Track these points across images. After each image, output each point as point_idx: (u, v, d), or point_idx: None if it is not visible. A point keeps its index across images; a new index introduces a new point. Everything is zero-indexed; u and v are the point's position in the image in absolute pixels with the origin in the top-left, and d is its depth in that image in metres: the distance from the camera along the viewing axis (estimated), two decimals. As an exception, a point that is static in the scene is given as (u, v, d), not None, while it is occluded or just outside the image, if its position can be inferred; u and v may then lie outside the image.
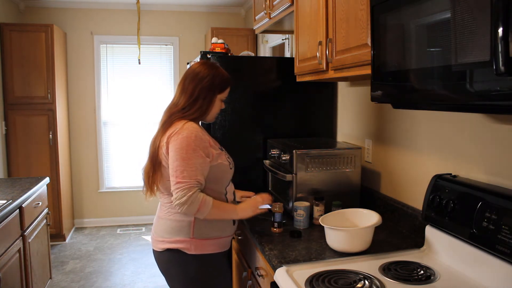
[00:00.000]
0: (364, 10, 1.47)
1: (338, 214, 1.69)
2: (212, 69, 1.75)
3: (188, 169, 1.59)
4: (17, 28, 4.20)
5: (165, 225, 1.72)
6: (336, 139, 2.61)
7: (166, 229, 1.72)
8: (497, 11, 0.80)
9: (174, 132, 1.64)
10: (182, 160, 1.59)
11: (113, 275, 3.70)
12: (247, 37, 4.65)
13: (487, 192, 1.29)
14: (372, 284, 1.26)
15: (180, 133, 1.63)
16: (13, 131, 4.24)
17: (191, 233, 1.68)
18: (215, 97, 1.75)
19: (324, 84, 2.58)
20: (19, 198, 2.49)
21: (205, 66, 1.76)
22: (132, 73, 5.05)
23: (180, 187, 1.58)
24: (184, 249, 1.67)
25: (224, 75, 1.77)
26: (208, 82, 1.72)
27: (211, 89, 1.72)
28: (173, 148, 1.62)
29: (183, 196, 1.57)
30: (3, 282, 2.20)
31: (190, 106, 1.71)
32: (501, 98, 0.86)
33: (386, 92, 1.28)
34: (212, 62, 1.80)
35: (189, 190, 1.58)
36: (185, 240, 1.67)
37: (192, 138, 1.62)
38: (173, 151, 1.61)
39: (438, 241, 1.48)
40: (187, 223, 1.68)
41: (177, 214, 1.69)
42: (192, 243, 1.67)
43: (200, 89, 1.71)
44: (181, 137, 1.62)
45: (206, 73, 1.73)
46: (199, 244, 1.68)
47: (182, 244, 1.68)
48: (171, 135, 1.64)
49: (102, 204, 5.10)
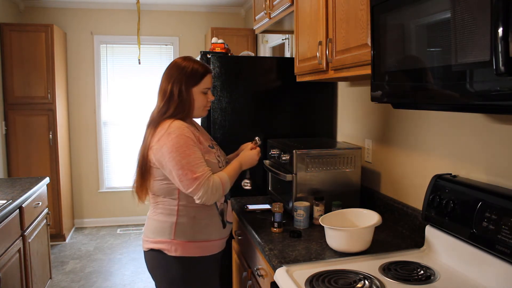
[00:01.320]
0: (364, 10, 1.47)
1: (338, 214, 1.69)
2: (184, 61, 1.69)
3: (198, 163, 1.57)
4: (17, 28, 4.20)
5: (150, 225, 1.71)
6: (336, 139, 2.61)
7: (150, 229, 1.70)
8: (497, 11, 0.80)
9: (163, 134, 1.60)
10: (188, 156, 1.56)
11: (113, 275, 3.70)
12: (247, 37, 4.65)
13: (487, 192, 1.29)
14: (372, 284, 1.26)
15: (170, 134, 1.59)
16: (13, 131, 4.24)
17: (172, 235, 1.65)
18: (190, 90, 1.67)
19: (324, 84, 2.58)
20: (19, 198, 2.49)
21: (175, 62, 1.71)
22: (132, 73, 5.05)
23: (200, 182, 1.55)
24: (165, 250, 1.65)
25: (195, 65, 1.68)
26: (178, 77, 1.66)
27: (183, 83, 1.66)
28: (170, 148, 1.57)
29: (208, 189, 1.56)
30: (3, 282, 2.20)
31: (166, 106, 1.66)
32: (501, 98, 0.86)
33: (386, 92, 1.28)
34: (184, 56, 1.74)
35: (208, 181, 1.57)
36: (166, 241, 1.65)
37: (185, 135, 1.59)
38: (171, 152, 1.57)
39: (438, 241, 1.48)
40: (169, 224, 1.65)
41: (160, 214, 1.67)
42: (173, 245, 1.64)
43: (172, 86, 1.66)
44: (174, 137, 1.58)
45: (175, 67, 1.68)
46: (180, 246, 1.64)
47: (163, 245, 1.65)
48: (161, 138, 1.60)
49: (102, 204, 5.10)
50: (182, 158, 1.56)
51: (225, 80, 2.46)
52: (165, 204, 1.68)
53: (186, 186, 1.57)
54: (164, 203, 1.68)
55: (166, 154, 1.58)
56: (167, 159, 1.57)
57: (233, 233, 2.31)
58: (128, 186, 5.11)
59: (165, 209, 1.67)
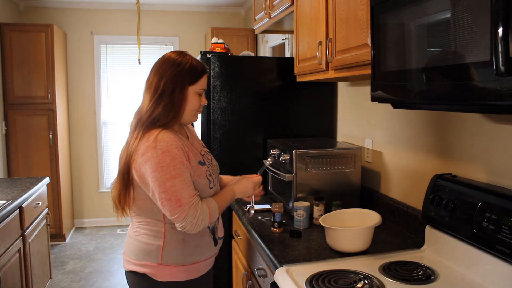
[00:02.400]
0: (364, 10, 1.47)
1: (338, 214, 1.69)
2: (179, 56, 1.47)
3: (185, 186, 1.38)
4: (17, 28, 4.20)
5: (133, 246, 1.51)
6: (336, 139, 2.61)
7: (132, 250, 1.51)
8: (497, 11, 0.80)
9: (148, 146, 1.39)
10: (174, 179, 1.37)
11: (113, 275, 3.70)
12: (247, 37, 4.65)
13: (487, 192, 1.29)
14: (372, 284, 1.26)
15: (155, 148, 1.38)
16: (13, 131, 4.24)
17: (159, 259, 1.46)
18: (185, 89, 1.45)
19: (324, 84, 2.58)
20: (19, 198, 2.49)
21: (169, 55, 1.49)
22: (132, 73, 5.05)
23: (185, 210, 1.37)
24: (151, 274, 1.46)
25: (193, 62, 1.48)
26: (173, 72, 1.44)
27: (178, 79, 1.44)
28: (154, 167, 1.37)
29: (193, 219, 1.38)
30: (3, 282, 2.20)
31: (155, 106, 1.44)
32: (501, 98, 0.86)
33: (386, 92, 1.28)
34: (181, 50, 1.52)
35: (195, 209, 1.39)
36: (152, 265, 1.46)
37: (174, 151, 1.39)
38: (155, 171, 1.37)
39: (438, 241, 1.48)
40: (156, 247, 1.46)
41: (145, 235, 1.48)
42: (159, 269, 1.46)
43: (164, 82, 1.43)
44: (160, 153, 1.37)
45: (171, 62, 1.46)
46: (167, 271, 1.46)
47: (148, 269, 1.46)
48: (146, 151, 1.39)
49: (102, 204, 5.10)
50: (166, 180, 1.36)
51: (225, 80, 2.47)
52: (150, 225, 1.49)
53: (169, 212, 1.38)
54: (148, 224, 1.49)
55: (149, 172, 1.38)
56: (149, 178, 1.38)
57: (233, 233, 2.31)
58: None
59: (150, 231, 1.48)
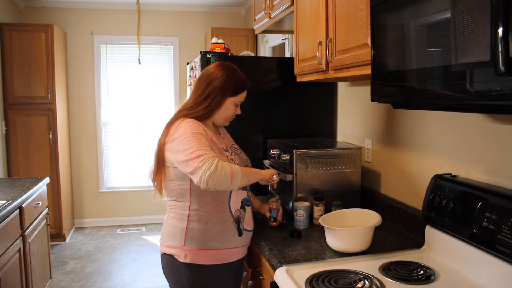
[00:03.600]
0: (364, 10, 1.47)
1: (338, 214, 1.69)
2: (228, 70, 1.70)
3: (203, 146, 1.50)
4: (17, 28, 4.20)
5: (164, 229, 1.70)
6: (336, 139, 2.61)
7: (164, 233, 1.70)
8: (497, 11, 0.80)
9: (174, 129, 1.60)
10: (192, 141, 1.51)
11: (113, 275, 3.70)
12: (247, 37, 4.65)
13: (487, 192, 1.29)
14: (372, 284, 1.26)
15: (178, 128, 1.58)
16: (13, 131, 4.24)
17: (183, 240, 1.61)
18: (225, 98, 1.68)
19: (324, 84, 2.58)
20: (19, 198, 2.49)
21: (220, 67, 1.71)
22: (132, 73, 5.05)
23: (204, 158, 1.46)
24: (175, 255, 1.63)
25: (239, 78, 1.71)
26: (220, 83, 1.66)
27: (222, 89, 1.66)
28: (178, 140, 1.54)
29: (210, 167, 1.43)
30: (3, 282, 2.20)
31: (198, 104, 1.66)
32: (501, 98, 0.86)
33: (386, 92, 1.28)
34: (230, 64, 1.75)
35: (213, 159, 1.46)
36: (176, 246, 1.62)
37: (195, 126, 1.58)
38: (179, 142, 1.53)
39: (438, 241, 1.48)
40: (180, 229, 1.62)
41: (173, 218, 1.65)
42: (183, 251, 1.61)
43: (211, 89, 1.66)
44: (182, 129, 1.56)
45: (220, 74, 1.68)
46: (190, 253, 1.60)
47: (174, 250, 1.63)
48: (173, 133, 1.59)
49: (102, 204, 5.10)
50: (186, 145, 1.51)
51: (225, 80, 2.46)
52: (177, 208, 1.65)
53: (191, 169, 1.47)
54: (176, 207, 1.65)
55: (176, 146, 1.55)
56: (177, 150, 1.54)
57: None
58: (128, 186, 5.12)
59: (177, 214, 1.64)
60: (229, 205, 1.65)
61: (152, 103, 5.14)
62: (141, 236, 4.74)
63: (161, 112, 5.09)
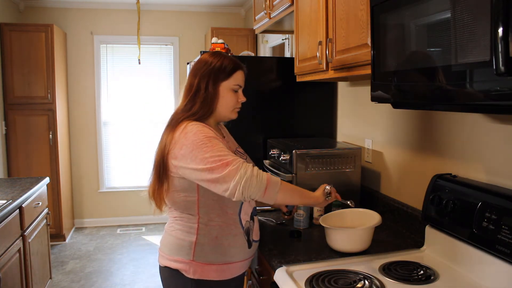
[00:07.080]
0: (364, 10, 1.47)
1: (338, 214, 1.69)
2: (211, 56, 1.53)
3: (225, 151, 1.35)
4: (17, 28, 4.20)
5: (167, 241, 1.54)
6: (336, 139, 2.61)
7: (167, 245, 1.53)
8: (497, 11, 0.80)
9: (179, 136, 1.42)
10: (211, 148, 1.35)
11: (113, 275, 3.70)
12: (247, 37, 4.65)
13: (487, 192, 1.29)
14: (372, 284, 1.26)
15: (187, 133, 1.40)
16: (13, 131, 4.24)
17: (191, 255, 1.46)
18: (218, 85, 1.49)
19: (324, 84, 2.58)
20: (19, 198, 2.49)
21: (204, 56, 1.54)
22: (132, 73, 5.05)
23: (236, 164, 1.31)
24: (182, 270, 1.47)
25: (225, 60, 1.51)
26: (207, 70, 1.49)
27: (211, 76, 1.49)
28: (190, 147, 1.37)
29: (246, 171, 1.31)
30: (3, 282, 2.20)
31: (191, 102, 1.49)
32: (501, 98, 0.86)
33: (386, 92, 1.28)
34: (216, 51, 1.59)
35: (245, 165, 1.33)
36: (184, 261, 1.47)
37: (205, 130, 1.41)
38: (192, 151, 1.36)
39: (438, 241, 1.48)
40: (188, 243, 1.47)
41: (179, 231, 1.49)
42: (191, 266, 1.46)
43: (199, 79, 1.49)
44: (191, 135, 1.39)
45: (204, 61, 1.52)
46: (199, 268, 1.46)
47: (181, 265, 1.47)
48: (178, 140, 1.41)
49: (102, 204, 5.10)
50: (205, 153, 1.35)
51: (225, 80, 2.46)
52: (184, 220, 1.49)
53: (217, 174, 1.32)
54: (182, 219, 1.49)
55: (187, 155, 1.38)
56: (189, 159, 1.37)
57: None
58: (128, 186, 5.12)
59: (184, 226, 1.49)
60: (240, 217, 1.52)
61: (152, 103, 5.14)
62: (141, 236, 4.74)
63: (161, 112, 5.09)
